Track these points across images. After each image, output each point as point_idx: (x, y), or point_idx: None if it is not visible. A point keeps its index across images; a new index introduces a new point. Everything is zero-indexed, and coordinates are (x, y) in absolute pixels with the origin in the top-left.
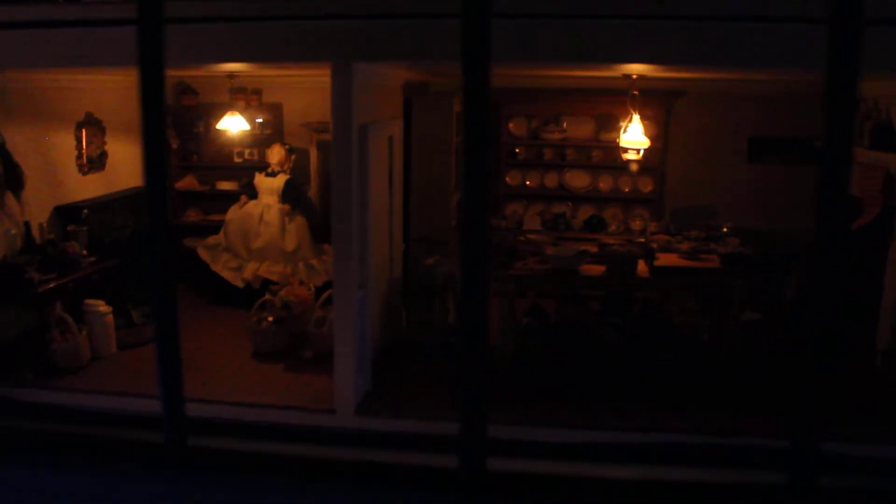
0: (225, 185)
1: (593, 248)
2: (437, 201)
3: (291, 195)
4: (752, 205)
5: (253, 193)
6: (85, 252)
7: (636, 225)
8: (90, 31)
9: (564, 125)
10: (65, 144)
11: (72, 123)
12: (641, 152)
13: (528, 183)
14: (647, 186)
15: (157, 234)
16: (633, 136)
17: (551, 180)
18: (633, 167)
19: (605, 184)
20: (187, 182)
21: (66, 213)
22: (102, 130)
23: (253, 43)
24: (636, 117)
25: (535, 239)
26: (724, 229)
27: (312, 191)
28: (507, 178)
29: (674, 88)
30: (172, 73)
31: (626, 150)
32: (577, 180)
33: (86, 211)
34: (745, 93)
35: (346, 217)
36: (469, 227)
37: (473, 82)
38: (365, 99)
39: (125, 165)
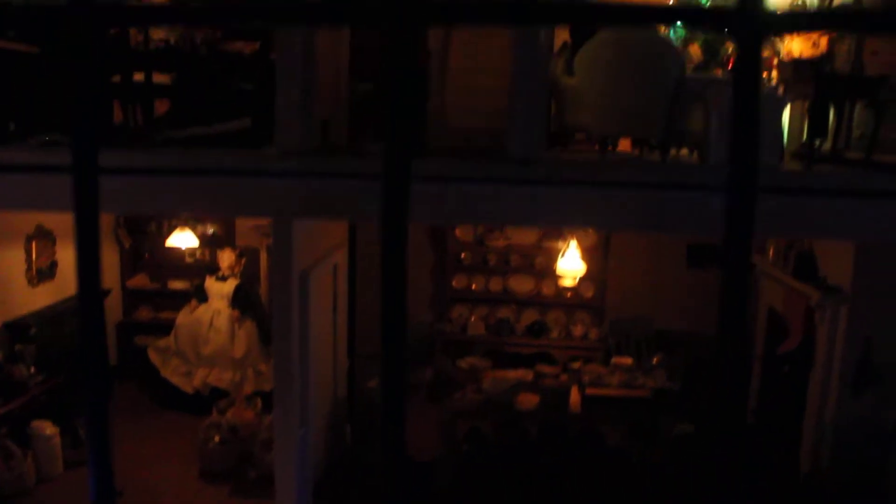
0: (176, 284)
1: (529, 377)
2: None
3: (241, 301)
4: (691, 309)
5: (203, 297)
6: (32, 370)
7: (577, 331)
8: (34, 176)
9: (508, 233)
10: (13, 259)
11: (21, 237)
12: (577, 279)
13: (473, 286)
14: (588, 291)
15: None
16: (570, 265)
17: (496, 284)
18: (568, 294)
19: (548, 288)
20: (139, 280)
21: (13, 331)
22: (53, 241)
23: (196, 194)
24: (573, 242)
25: (474, 364)
26: (654, 361)
27: (263, 289)
28: (453, 282)
29: None
30: None
31: (561, 276)
32: (521, 285)
33: (34, 329)
34: None
35: (286, 359)
36: (387, 347)
37: (390, 240)
38: (307, 242)
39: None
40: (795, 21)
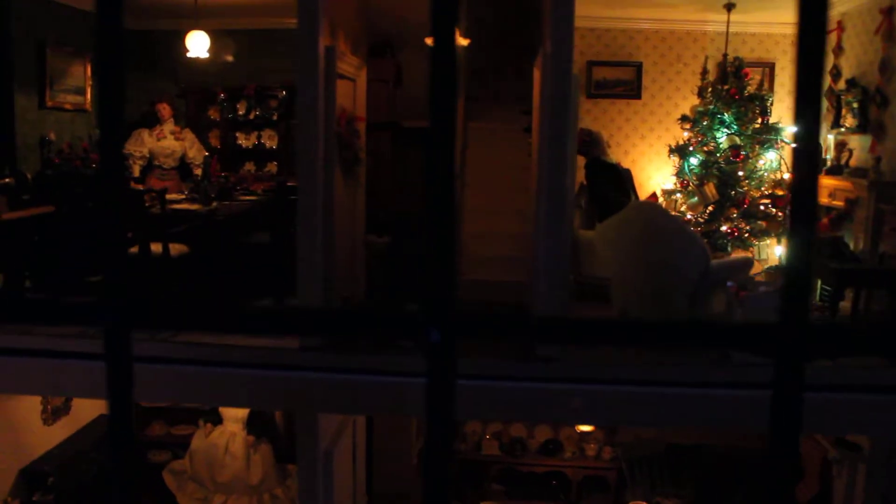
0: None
1: None
2: (399, 451)
3: (258, 425)
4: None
5: (217, 419)
6: None
7: (590, 450)
8: (62, 362)
9: None
10: (29, 402)
11: None
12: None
13: None
14: None
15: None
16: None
17: None
18: None
19: None
20: None
21: (31, 479)
22: None
23: (217, 385)
24: None
25: None
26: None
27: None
28: None
29: None
30: None
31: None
32: None
33: (52, 478)
34: None
35: None
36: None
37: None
38: (327, 421)
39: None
40: (840, 341)
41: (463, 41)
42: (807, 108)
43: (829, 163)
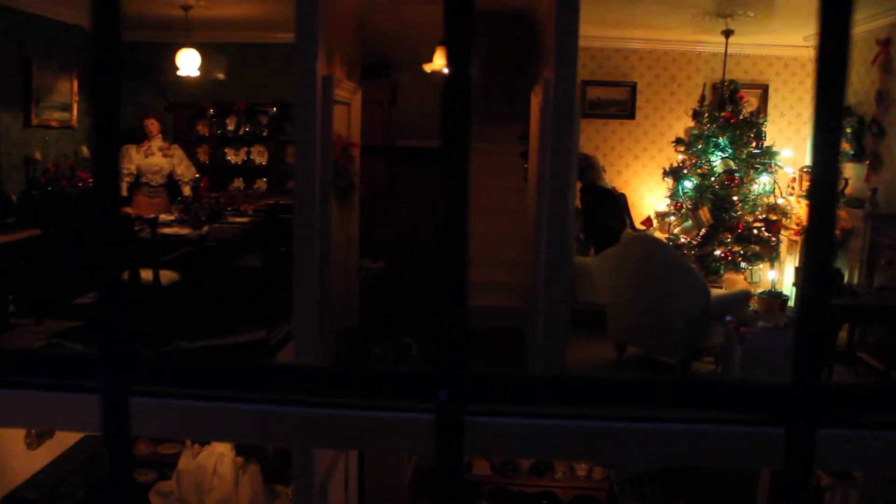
0: None
1: None
2: (391, 473)
3: (246, 444)
4: None
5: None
6: None
7: (581, 470)
8: (55, 396)
9: None
10: (12, 431)
11: None
12: None
13: None
14: None
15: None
16: None
17: None
18: None
19: None
20: None
21: None
22: None
23: (220, 422)
24: None
25: None
26: None
27: None
28: None
29: None
30: None
31: None
32: None
33: None
34: None
35: None
36: None
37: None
38: (322, 454)
39: None
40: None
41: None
42: (826, 140)
43: None
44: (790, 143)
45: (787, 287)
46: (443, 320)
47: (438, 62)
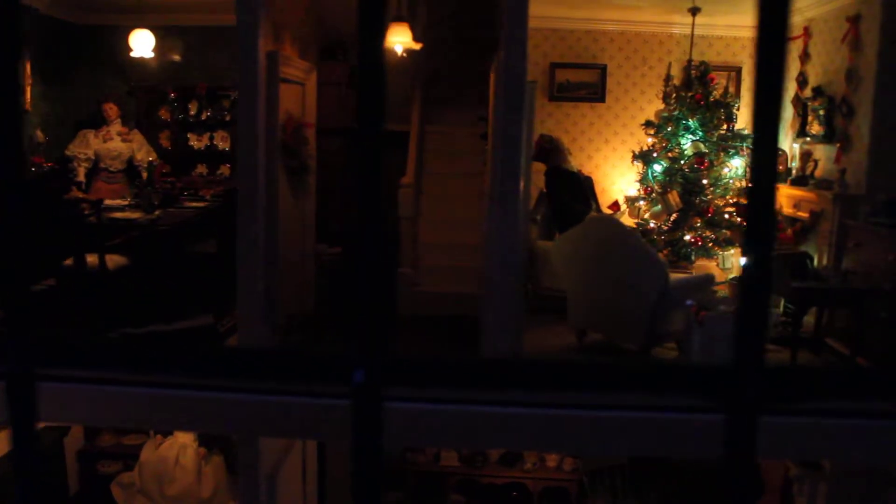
0: None
1: None
2: None
3: (209, 435)
4: None
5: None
6: None
7: (552, 461)
8: None
9: None
10: None
11: None
12: None
13: None
14: None
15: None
16: None
17: None
18: None
19: None
20: None
21: None
22: None
23: (156, 408)
24: None
25: None
26: None
27: None
28: None
29: None
30: None
31: None
32: None
33: None
34: None
35: None
36: None
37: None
38: (269, 444)
39: None
40: (801, 386)
41: (415, 45)
42: (766, 121)
43: (794, 172)
44: None
45: None
46: (358, 299)
47: (391, 39)
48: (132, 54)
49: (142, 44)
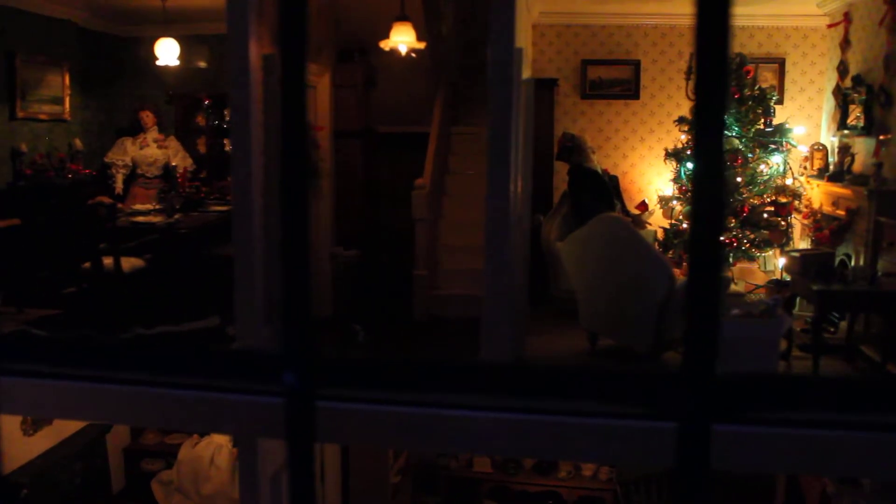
0: None
1: None
2: (375, 472)
3: None
4: None
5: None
6: None
7: (587, 470)
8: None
9: None
10: (8, 417)
11: None
12: None
13: None
14: None
15: None
16: None
17: None
18: None
19: None
20: None
21: (3, 491)
22: None
23: (160, 408)
24: None
25: None
26: None
27: None
28: None
29: None
30: None
31: None
32: None
33: (26, 490)
34: None
35: None
36: None
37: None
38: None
39: None
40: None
41: (419, 44)
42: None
43: (831, 168)
44: (811, 121)
45: None
46: (287, 300)
47: (395, 39)
48: (158, 63)
49: (167, 52)
